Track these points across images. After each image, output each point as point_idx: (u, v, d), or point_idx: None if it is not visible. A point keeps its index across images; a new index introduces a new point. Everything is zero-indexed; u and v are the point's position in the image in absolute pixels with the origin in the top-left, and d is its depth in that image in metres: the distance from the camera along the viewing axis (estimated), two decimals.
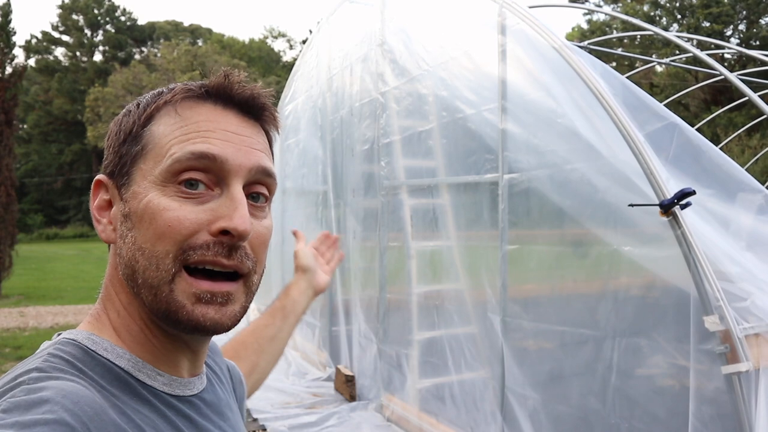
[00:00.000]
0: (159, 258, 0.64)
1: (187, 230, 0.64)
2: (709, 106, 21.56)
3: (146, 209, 0.65)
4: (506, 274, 3.32)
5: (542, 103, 3.08)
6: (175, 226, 0.64)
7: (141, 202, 0.66)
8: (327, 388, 5.20)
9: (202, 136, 0.67)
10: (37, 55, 44.60)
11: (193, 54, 34.95)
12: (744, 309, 2.30)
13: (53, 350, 0.64)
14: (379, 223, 4.66)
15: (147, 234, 0.65)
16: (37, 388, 0.56)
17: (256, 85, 0.72)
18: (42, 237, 35.79)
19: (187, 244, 0.64)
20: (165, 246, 0.64)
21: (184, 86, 0.71)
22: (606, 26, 26.14)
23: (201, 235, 0.64)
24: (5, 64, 12.38)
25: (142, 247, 0.65)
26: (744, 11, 24.85)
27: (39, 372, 0.59)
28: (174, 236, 0.64)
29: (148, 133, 0.68)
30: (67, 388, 0.57)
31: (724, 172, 2.68)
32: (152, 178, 0.66)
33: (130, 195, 0.67)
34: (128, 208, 0.67)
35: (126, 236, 0.67)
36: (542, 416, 3.08)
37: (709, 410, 2.32)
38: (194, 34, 48.23)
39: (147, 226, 0.65)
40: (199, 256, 0.64)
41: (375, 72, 4.74)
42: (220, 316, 0.65)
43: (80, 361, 0.63)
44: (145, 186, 0.66)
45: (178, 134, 0.67)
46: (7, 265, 11.86)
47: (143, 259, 0.65)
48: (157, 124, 0.69)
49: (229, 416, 0.79)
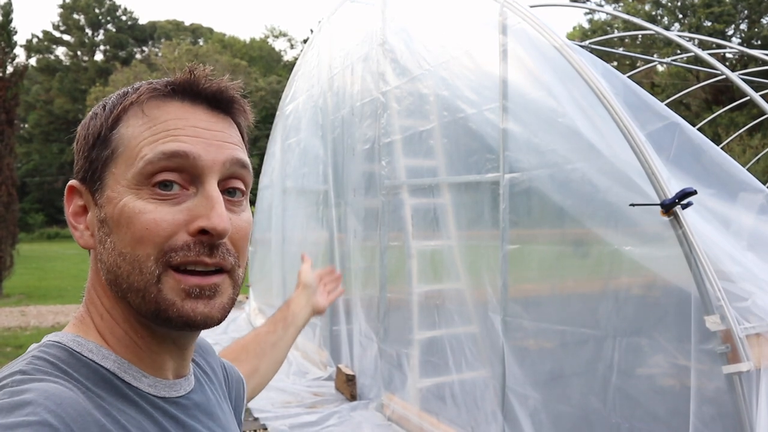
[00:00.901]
0: (141, 262, 0.64)
1: (165, 232, 0.64)
2: (710, 106, 21.55)
3: (122, 214, 0.65)
4: (507, 274, 3.32)
5: (543, 102, 3.08)
6: (153, 229, 0.64)
7: (116, 207, 0.65)
8: (328, 388, 5.20)
9: (171, 135, 0.66)
10: (38, 55, 44.62)
11: (194, 53, 34.95)
12: (745, 309, 2.30)
13: (37, 353, 0.64)
14: (380, 222, 4.66)
15: (125, 239, 0.65)
16: (20, 390, 0.56)
17: (222, 79, 0.71)
18: (43, 236, 35.80)
19: (168, 246, 0.64)
20: (145, 250, 0.64)
21: (149, 85, 0.69)
22: (607, 26, 26.13)
23: (180, 236, 0.64)
24: (6, 64, 12.39)
25: (122, 252, 0.65)
26: (745, 11, 24.82)
27: (22, 374, 0.59)
28: (153, 239, 0.64)
29: (116, 135, 0.67)
30: (50, 389, 0.57)
31: (725, 172, 2.67)
32: (125, 182, 0.66)
33: (105, 200, 0.67)
34: (104, 213, 0.67)
35: (105, 241, 0.67)
36: (543, 416, 3.08)
37: (710, 410, 2.32)
38: (195, 33, 48.24)
39: (125, 231, 0.65)
40: (181, 257, 0.64)
41: (376, 71, 4.74)
42: (209, 310, 0.66)
43: (65, 363, 0.63)
44: (118, 190, 0.66)
45: (147, 135, 0.66)
46: (9, 265, 11.87)
47: (125, 264, 0.65)
48: (125, 126, 0.67)
49: (219, 416, 0.78)
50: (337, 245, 5.59)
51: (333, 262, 5.62)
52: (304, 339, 6.31)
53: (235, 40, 47.31)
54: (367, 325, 4.92)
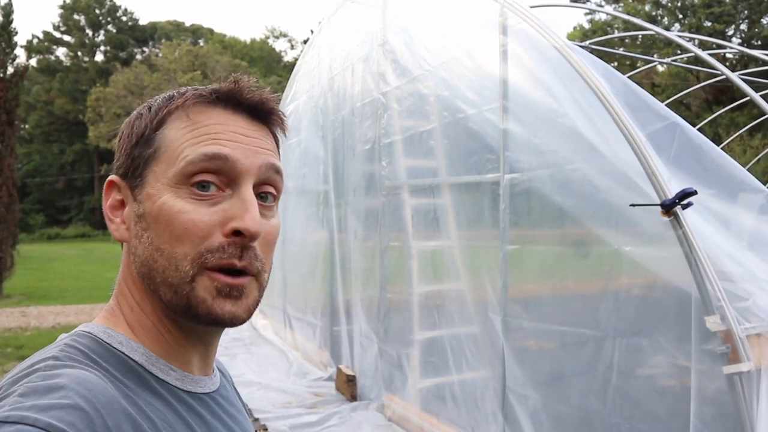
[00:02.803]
0: (178, 260, 0.67)
1: (203, 232, 0.67)
2: (710, 106, 21.54)
3: (161, 211, 0.68)
4: (507, 274, 3.32)
5: (543, 102, 3.08)
6: (191, 229, 0.67)
7: (155, 204, 0.69)
8: (328, 388, 5.20)
9: (212, 138, 0.70)
10: (39, 55, 44.62)
11: (195, 54, 34.95)
12: (745, 309, 2.30)
13: (69, 341, 0.66)
14: (380, 222, 4.66)
15: (164, 235, 0.68)
16: (53, 374, 0.59)
17: (264, 90, 0.75)
18: (43, 237, 35.81)
19: (204, 247, 0.67)
20: (183, 248, 0.67)
21: (195, 91, 0.73)
22: (607, 26, 26.12)
23: (216, 238, 0.67)
24: (7, 64, 12.41)
25: (160, 248, 0.68)
26: (745, 11, 24.82)
27: (55, 360, 0.62)
28: (191, 238, 0.67)
29: (160, 136, 0.71)
30: (81, 376, 0.60)
31: (725, 172, 2.68)
32: (165, 180, 0.69)
33: (144, 196, 0.70)
34: (142, 209, 0.70)
35: (141, 236, 0.70)
36: (543, 416, 3.08)
37: (711, 410, 2.32)
38: (196, 34, 48.22)
39: (163, 227, 0.68)
40: (216, 260, 0.67)
41: (376, 72, 4.74)
42: (236, 309, 0.69)
43: (95, 352, 0.66)
44: (158, 188, 0.69)
45: (189, 137, 0.70)
46: (9, 265, 11.88)
47: (162, 259, 0.68)
48: (169, 128, 0.71)
49: (241, 420, 0.81)
50: (337, 245, 5.59)
51: (333, 263, 5.63)
52: (305, 339, 6.32)
53: (236, 41, 47.33)
54: (367, 325, 4.92)
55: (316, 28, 6.89)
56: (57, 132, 42.52)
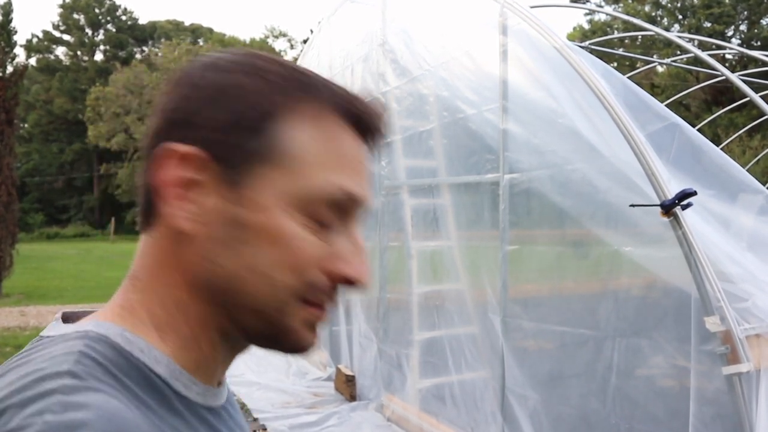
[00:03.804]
0: (277, 288, 0.58)
1: (310, 266, 0.59)
2: (710, 107, 21.56)
3: (270, 229, 0.57)
4: (507, 275, 3.32)
5: (543, 103, 3.08)
6: (302, 260, 0.58)
7: (269, 220, 0.57)
8: (327, 388, 5.20)
9: (355, 172, 0.60)
10: (38, 55, 44.63)
11: (194, 53, 34.90)
12: (745, 310, 2.30)
13: (85, 349, 0.54)
14: (380, 222, 4.66)
15: (267, 257, 0.58)
16: (74, 403, 0.47)
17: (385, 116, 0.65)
18: (43, 236, 35.79)
19: (308, 282, 0.59)
20: (286, 278, 0.58)
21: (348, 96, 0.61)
22: (607, 26, 26.13)
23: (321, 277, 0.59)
24: (6, 63, 12.40)
25: (258, 270, 0.58)
26: (745, 12, 24.84)
27: (73, 378, 0.50)
28: (298, 270, 0.58)
29: (278, 133, 0.57)
30: (110, 410, 0.48)
31: (725, 173, 2.68)
32: (283, 195, 0.57)
33: (247, 200, 0.57)
34: (243, 214, 0.57)
35: (231, 245, 0.58)
36: (542, 416, 3.08)
37: (710, 411, 2.32)
38: (195, 33, 48.25)
39: (268, 248, 0.57)
40: (317, 299, 0.60)
41: (376, 72, 4.74)
42: (314, 339, 0.64)
43: (115, 365, 0.54)
44: (271, 200, 0.57)
45: (324, 158, 0.58)
46: (8, 264, 11.87)
47: (256, 279, 0.58)
48: (294, 128, 0.57)
49: (243, 425, 0.78)
50: None
51: None
52: None
53: (235, 40, 47.35)
54: (366, 325, 4.92)
55: (316, 28, 6.89)
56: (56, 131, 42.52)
